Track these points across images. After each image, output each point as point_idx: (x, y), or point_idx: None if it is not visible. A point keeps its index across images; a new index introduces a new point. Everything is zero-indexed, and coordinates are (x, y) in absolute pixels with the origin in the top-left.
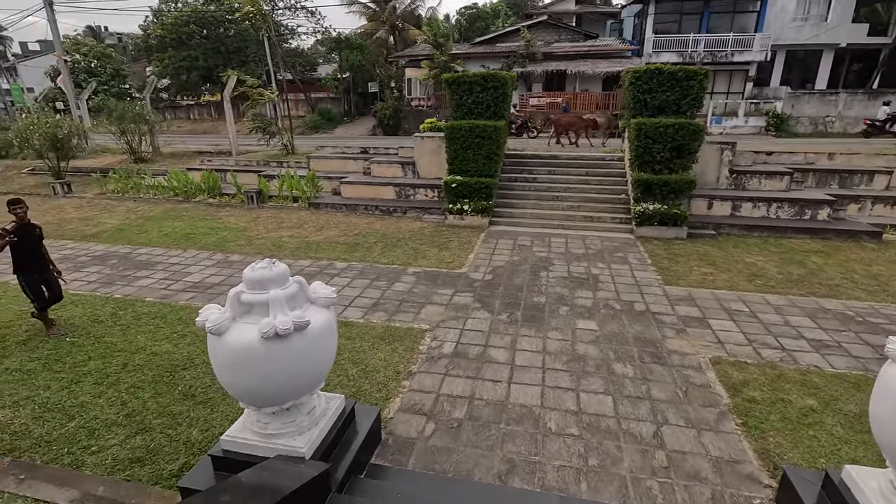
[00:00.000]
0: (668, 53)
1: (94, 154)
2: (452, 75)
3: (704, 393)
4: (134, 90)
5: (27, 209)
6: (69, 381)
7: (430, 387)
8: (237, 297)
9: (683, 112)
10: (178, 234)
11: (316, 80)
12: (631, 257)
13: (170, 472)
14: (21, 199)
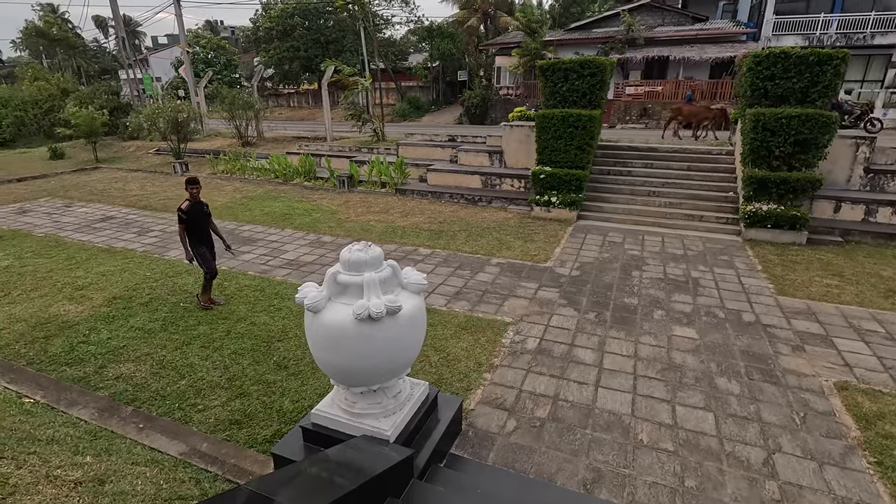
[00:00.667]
0: (792, 37)
1: (208, 137)
2: (547, 62)
3: (827, 422)
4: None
5: (200, 188)
6: (181, 342)
7: (512, 382)
8: (334, 278)
9: (812, 102)
10: (277, 213)
11: (406, 69)
12: (738, 262)
13: (263, 438)
14: (197, 179)
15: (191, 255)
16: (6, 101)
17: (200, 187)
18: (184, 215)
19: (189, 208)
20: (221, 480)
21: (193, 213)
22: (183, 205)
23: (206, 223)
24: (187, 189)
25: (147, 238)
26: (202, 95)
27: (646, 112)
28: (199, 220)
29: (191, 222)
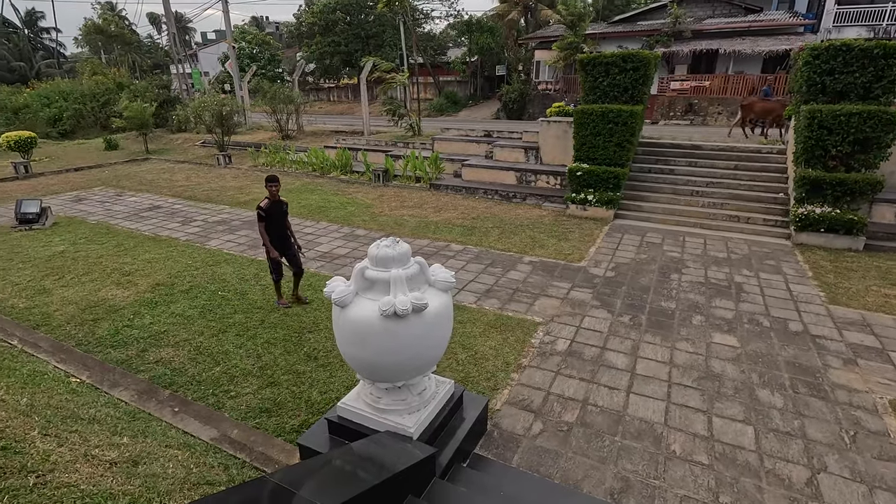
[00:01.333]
0: (855, 28)
1: (251, 130)
2: (587, 55)
3: (881, 442)
4: (286, 74)
5: (279, 187)
6: (218, 330)
7: (540, 383)
8: (361, 273)
9: (875, 98)
10: (313, 206)
11: (445, 64)
12: (786, 267)
13: (291, 427)
14: (277, 177)
15: (275, 253)
16: (67, 95)
17: (279, 185)
18: (263, 213)
19: (268, 206)
20: (249, 467)
21: (272, 211)
22: (262, 202)
23: (283, 222)
24: (267, 187)
25: (190, 227)
26: (246, 90)
27: (691, 108)
28: (278, 218)
29: (269, 220)
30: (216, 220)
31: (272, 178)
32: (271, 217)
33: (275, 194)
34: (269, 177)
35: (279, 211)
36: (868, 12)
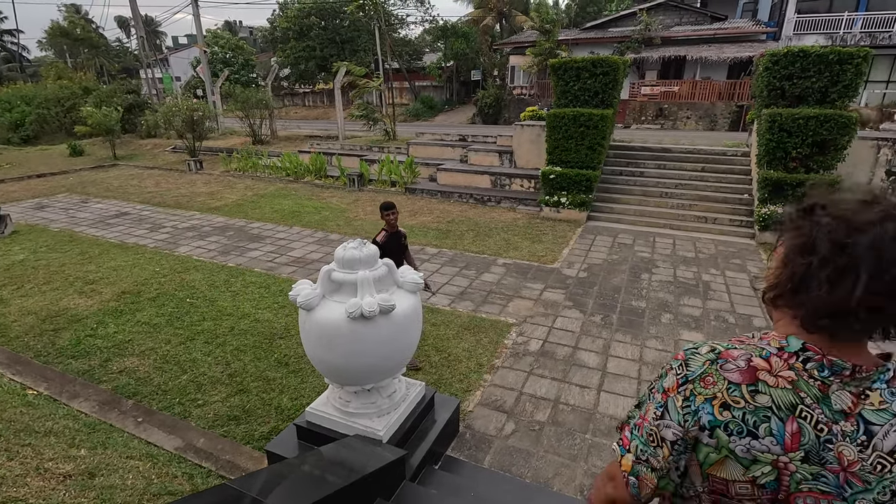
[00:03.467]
0: (814, 36)
1: (224, 136)
2: (558, 60)
3: None
4: (260, 79)
5: (398, 214)
6: (185, 337)
7: (512, 384)
8: (328, 275)
9: (831, 102)
10: (286, 211)
11: (421, 69)
12: (751, 265)
13: (260, 434)
14: (394, 204)
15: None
16: (30, 99)
17: (398, 213)
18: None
19: (386, 240)
20: (214, 476)
21: (390, 246)
22: (378, 236)
23: (401, 258)
24: (384, 216)
25: (159, 234)
26: (218, 94)
27: (661, 112)
28: (396, 253)
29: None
30: (186, 226)
31: (388, 204)
32: (389, 253)
33: (393, 224)
34: (386, 203)
35: (397, 245)
36: (826, 21)
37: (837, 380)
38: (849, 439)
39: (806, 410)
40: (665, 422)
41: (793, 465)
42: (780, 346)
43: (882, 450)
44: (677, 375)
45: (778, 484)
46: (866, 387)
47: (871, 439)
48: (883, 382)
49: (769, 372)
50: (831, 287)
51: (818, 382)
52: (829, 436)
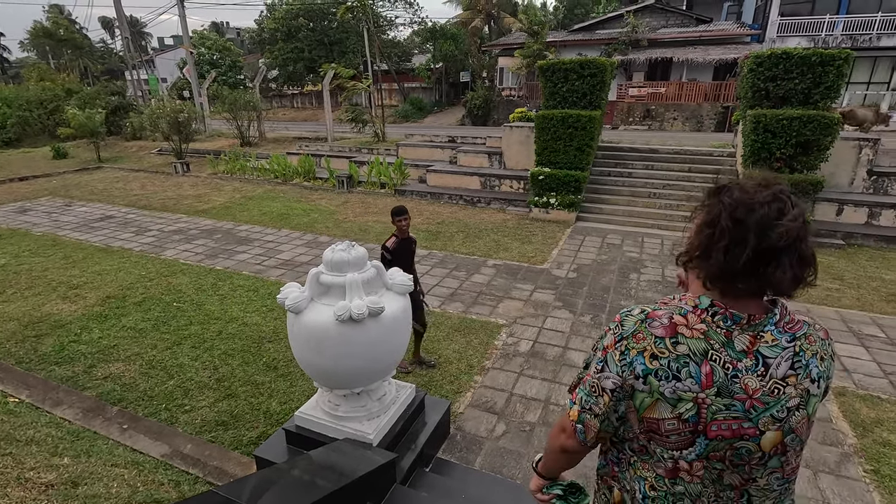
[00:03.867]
0: (797, 38)
1: (211, 137)
2: (547, 62)
3: (824, 428)
4: (248, 80)
5: (410, 220)
6: (172, 342)
7: (503, 385)
8: (316, 278)
9: (814, 103)
10: (275, 213)
11: (409, 71)
12: None
13: (249, 440)
14: (406, 209)
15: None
16: (10, 101)
17: (410, 219)
18: (388, 255)
19: (396, 246)
20: (202, 483)
21: (401, 252)
22: (388, 241)
23: (411, 263)
24: (395, 222)
25: (144, 237)
26: (205, 96)
27: (649, 113)
28: (406, 259)
29: (395, 263)
30: (172, 229)
31: (400, 209)
32: (399, 260)
33: (405, 230)
34: (398, 209)
35: (407, 250)
36: (808, 23)
37: (737, 327)
38: (750, 372)
39: (715, 354)
40: (605, 374)
41: (709, 399)
42: (694, 304)
43: (777, 377)
44: (614, 334)
45: (698, 416)
46: (759, 330)
47: (767, 370)
48: (772, 325)
49: (686, 326)
50: (726, 254)
51: (723, 331)
52: (735, 372)
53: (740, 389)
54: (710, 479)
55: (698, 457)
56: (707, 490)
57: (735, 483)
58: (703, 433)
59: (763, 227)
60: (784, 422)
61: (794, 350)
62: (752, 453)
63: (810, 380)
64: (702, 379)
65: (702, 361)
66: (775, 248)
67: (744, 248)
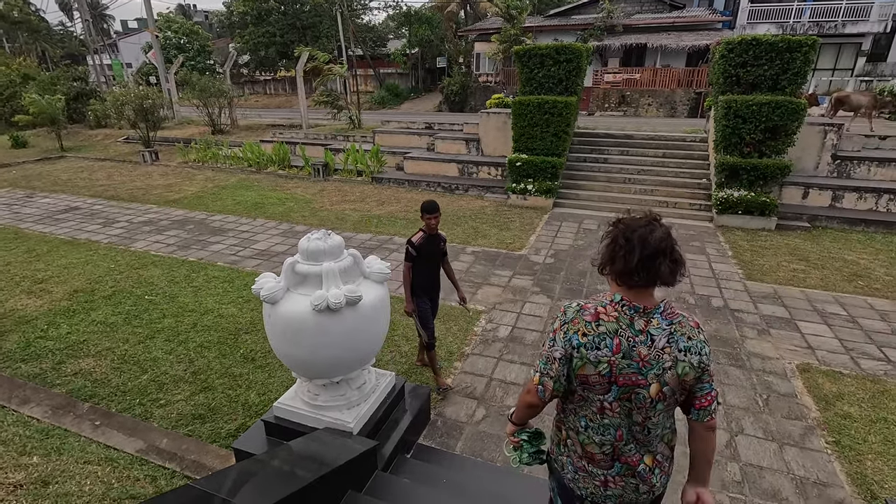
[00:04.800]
0: (766, 24)
1: (180, 125)
2: (523, 47)
3: (789, 403)
4: (217, 65)
5: (440, 218)
6: (145, 336)
7: (482, 370)
8: (292, 267)
9: (782, 89)
10: (249, 203)
11: (385, 56)
12: (709, 248)
13: (227, 432)
14: (438, 206)
15: (412, 306)
16: None
17: (440, 216)
18: (414, 251)
19: (422, 242)
20: (179, 477)
21: (426, 249)
22: (415, 237)
23: (438, 263)
24: (424, 218)
25: (112, 229)
26: (173, 82)
27: (624, 99)
28: (432, 259)
29: (420, 261)
30: (142, 220)
31: (433, 206)
32: (423, 258)
33: (433, 227)
34: (430, 205)
35: (435, 250)
36: (777, 10)
37: (637, 315)
38: (643, 344)
39: (622, 332)
40: (555, 347)
41: (617, 361)
42: (611, 299)
43: (658, 347)
44: (560, 321)
45: (611, 372)
46: (650, 317)
47: (653, 342)
48: (658, 314)
49: (605, 314)
50: (624, 260)
51: (628, 317)
52: (634, 343)
53: (637, 355)
54: (624, 414)
55: (615, 399)
56: (623, 423)
57: (639, 420)
58: (615, 383)
59: (643, 240)
60: (661, 377)
61: (670, 331)
62: (645, 399)
63: (679, 350)
64: (613, 348)
65: (614, 337)
66: (654, 252)
67: (633, 254)
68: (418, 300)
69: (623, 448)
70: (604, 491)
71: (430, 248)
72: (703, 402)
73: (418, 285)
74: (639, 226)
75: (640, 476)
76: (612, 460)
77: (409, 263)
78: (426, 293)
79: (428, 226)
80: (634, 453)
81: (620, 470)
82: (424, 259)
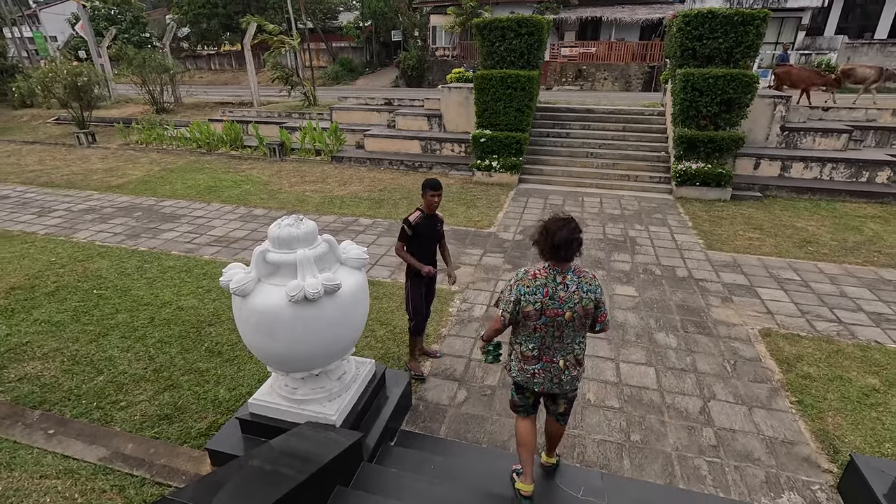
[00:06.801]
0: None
1: (118, 104)
2: (483, 20)
3: (754, 367)
4: (155, 39)
5: (441, 197)
6: (97, 334)
7: (460, 351)
8: (262, 257)
9: (735, 62)
10: (202, 186)
11: (337, 29)
12: (671, 219)
13: (198, 431)
14: (440, 185)
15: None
16: None
17: (441, 195)
18: (410, 230)
19: (420, 222)
20: (150, 484)
21: (424, 230)
22: (412, 216)
23: (435, 244)
24: (424, 196)
25: (50, 219)
26: (106, 57)
27: (581, 73)
28: (429, 239)
29: (416, 241)
30: (83, 208)
31: (433, 183)
32: (422, 237)
33: (433, 206)
34: (432, 182)
35: (432, 230)
36: None
37: (557, 274)
38: (562, 290)
39: (549, 284)
40: (511, 295)
41: (546, 301)
42: (542, 265)
43: (570, 291)
44: (514, 279)
45: (542, 309)
46: (565, 274)
47: (568, 289)
48: (571, 272)
49: (539, 274)
50: (547, 244)
51: (552, 275)
52: (556, 290)
53: (558, 297)
54: (548, 331)
55: (542, 324)
56: (546, 336)
57: (557, 335)
58: (544, 314)
59: (554, 235)
60: (573, 308)
61: (578, 282)
62: (562, 322)
63: (583, 292)
64: (543, 294)
65: (544, 287)
66: (563, 243)
67: (551, 241)
68: (414, 286)
69: (545, 351)
70: (533, 380)
71: (428, 228)
72: (601, 319)
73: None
74: (556, 227)
75: (554, 371)
76: (537, 360)
77: (401, 243)
78: (423, 278)
79: (429, 204)
80: (552, 356)
81: (543, 366)
82: (421, 240)
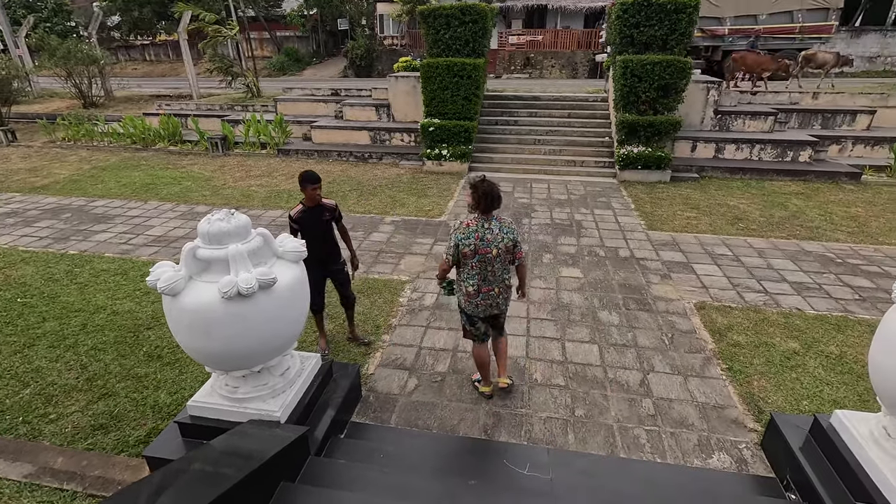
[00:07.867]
0: None
1: (40, 99)
2: (427, 7)
3: (690, 339)
4: (81, 28)
5: (320, 188)
6: (21, 344)
7: (411, 340)
8: (192, 253)
9: (671, 48)
10: (138, 184)
11: (281, 18)
12: (614, 202)
13: (136, 439)
14: (316, 176)
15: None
16: None
17: (320, 187)
18: (295, 225)
19: (301, 216)
20: (83, 497)
21: (308, 223)
22: (293, 210)
23: (325, 234)
24: (304, 189)
25: None
26: (24, 47)
27: (529, 61)
28: (315, 231)
29: (304, 234)
30: (3, 212)
31: (310, 176)
32: (306, 230)
33: (314, 198)
34: (306, 175)
35: (317, 220)
36: None
37: (484, 221)
38: (489, 233)
39: (479, 230)
40: (452, 241)
41: (478, 243)
42: (473, 216)
43: (494, 233)
44: (454, 230)
45: (475, 249)
46: (490, 222)
47: (493, 232)
48: (494, 220)
49: (470, 224)
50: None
51: (480, 223)
52: (485, 233)
53: (486, 239)
54: (482, 266)
55: (477, 262)
56: (481, 272)
57: (490, 269)
58: (477, 252)
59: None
60: (498, 247)
61: (500, 227)
62: (491, 258)
63: (503, 233)
64: (475, 238)
65: (475, 233)
66: (485, 195)
67: (484, 198)
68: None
69: (483, 284)
70: (476, 309)
71: (311, 220)
72: (518, 255)
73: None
74: (483, 187)
75: (493, 298)
76: (477, 293)
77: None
78: (320, 265)
79: (310, 197)
80: (489, 286)
81: (483, 297)
82: (307, 232)
